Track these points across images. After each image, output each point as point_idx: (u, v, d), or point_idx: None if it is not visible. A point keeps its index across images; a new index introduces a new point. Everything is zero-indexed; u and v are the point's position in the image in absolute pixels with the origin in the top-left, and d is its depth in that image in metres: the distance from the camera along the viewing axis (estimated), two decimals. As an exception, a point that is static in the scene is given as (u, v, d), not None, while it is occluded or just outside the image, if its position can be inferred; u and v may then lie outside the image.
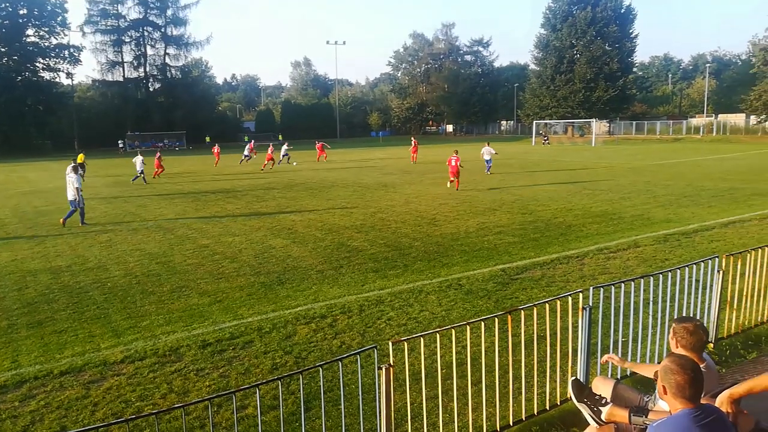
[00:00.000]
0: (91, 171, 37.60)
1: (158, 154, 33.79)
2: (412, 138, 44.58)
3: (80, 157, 36.28)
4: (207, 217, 17.33)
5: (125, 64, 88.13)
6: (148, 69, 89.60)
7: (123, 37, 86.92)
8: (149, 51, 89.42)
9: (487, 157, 29.24)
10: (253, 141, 47.31)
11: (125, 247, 13.23)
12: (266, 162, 37.22)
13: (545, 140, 65.50)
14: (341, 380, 4.18)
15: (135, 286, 9.86)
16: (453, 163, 22.67)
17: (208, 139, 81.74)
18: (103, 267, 11.37)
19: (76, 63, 79.93)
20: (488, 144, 30.56)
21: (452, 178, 22.94)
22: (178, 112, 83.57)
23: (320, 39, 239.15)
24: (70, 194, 16.70)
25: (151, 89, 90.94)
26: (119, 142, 74.80)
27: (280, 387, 3.99)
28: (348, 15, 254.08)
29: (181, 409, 3.45)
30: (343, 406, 4.15)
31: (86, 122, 79.81)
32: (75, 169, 17.16)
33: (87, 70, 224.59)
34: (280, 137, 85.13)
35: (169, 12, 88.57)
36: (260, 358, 6.64)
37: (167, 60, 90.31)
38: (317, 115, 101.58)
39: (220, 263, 11.34)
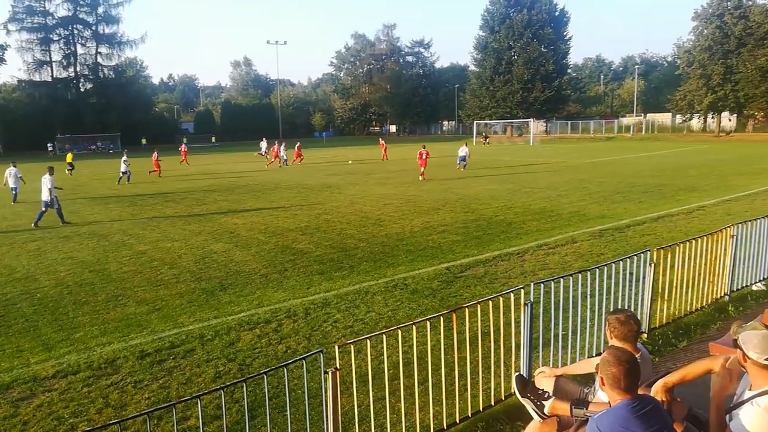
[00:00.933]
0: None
1: (155, 153, 33.89)
2: (381, 139, 49.70)
3: (69, 157, 39.11)
4: (144, 222, 16.73)
5: (54, 63, 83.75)
6: (78, 68, 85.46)
7: (51, 36, 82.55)
8: (79, 50, 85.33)
9: (462, 155, 32.08)
10: (265, 138, 47.66)
11: (56, 256, 12.60)
12: (273, 159, 38.91)
13: (485, 140, 66.73)
14: (287, 386, 4.10)
15: (67, 297, 9.40)
16: (423, 157, 26.60)
17: (144, 141, 79.14)
18: (32, 277, 10.78)
19: (0, 62, 75.69)
20: (465, 144, 33.66)
21: (422, 169, 26.67)
22: (112, 113, 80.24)
23: (260, 38, 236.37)
24: (44, 195, 16.99)
25: (82, 89, 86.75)
26: (49, 145, 71.25)
27: (223, 396, 3.87)
28: (288, 14, 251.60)
29: (117, 425, 3.28)
30: (289, 413, 4.07)
31: (12, 124, 75.39)
32: (50, 171, 17.41)
33: (12, 70, 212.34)
34: (213, 139, 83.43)
35: (101, 9, 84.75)
36: (202, 366, 6.45)
37: (99, 59, 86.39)
38: (259, 116, 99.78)
39: (159, 270, 10.96)
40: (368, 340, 4.36)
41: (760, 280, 8.34)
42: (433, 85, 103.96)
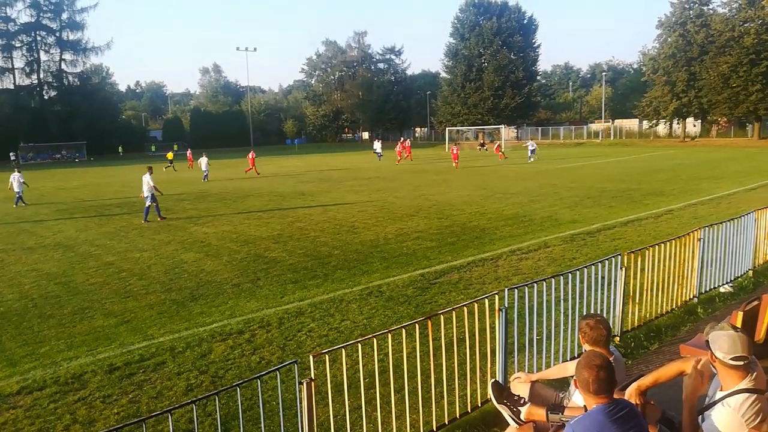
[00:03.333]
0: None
1: (252, 153, 38.69)
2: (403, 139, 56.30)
3: (170, 155, 46.83)
4: (111, 233, 16.36)
5: (16, 70, 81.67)
6: (42, 76, 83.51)
7: (13, 42, 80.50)
8: (43, 57, 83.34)
9: (531, 148, 41.55)
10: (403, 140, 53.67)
11: (19, 268, 12.22)
12: (400, 158, 45.16)
13: (481, 147, 63.82)
14: (261, 398, 4.03)
15: (31, 310, 9.12)
16: (455, 152, 38.14)
17: (120, 149, 78.16)
18: (-6, 290, 10.44)
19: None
20: (531, 139, 47.10)
21: (455, 161, 37.43)
22: (78, 121, 78.41)
23: (229, 45, 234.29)
24: (146, 191, 18.35)
25: (46, 97, 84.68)
26: (11, 154, 69.36)
27: (195, 410, 3.77)
28: (258, 21, 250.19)
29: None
30: (263, 425, 3.99)
31: (-27, 133, 73.23)
32: (150, 170, 18.97)
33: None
34: (176, 147, 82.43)
35: (65, 15, 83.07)
36: (173, 379, 6.30)
37: (63, 66, 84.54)
38: (229, 123, 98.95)
39: (127, 281, 10.72)
40: (343, 349, 4.32)
41: (727, 282, 8.54)
42: (404, 91, 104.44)
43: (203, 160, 33.97)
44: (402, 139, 59.31)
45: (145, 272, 11.37)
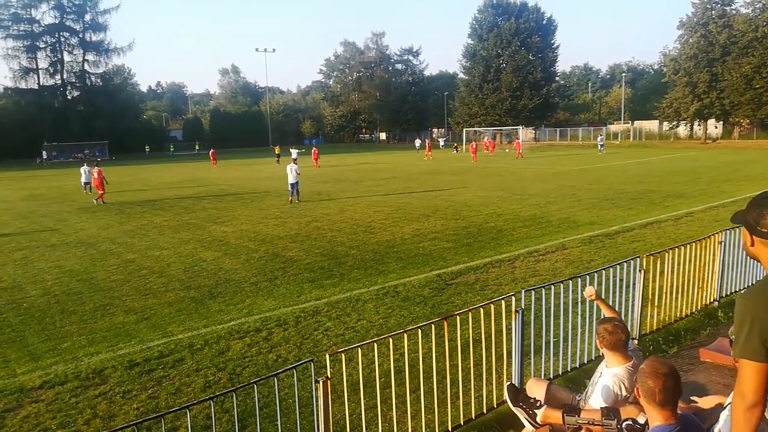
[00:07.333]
0: (4, 184, 35.91)
1: (315, 149, 44.80)
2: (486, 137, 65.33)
3: (277, 149, 53.77)
4: (132, 231, 16.58)
5: (40, 71, 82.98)
6: (65, 76, 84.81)
7: (37, 43, 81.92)
8: (66, 57, 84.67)
9: (601, 143, 50.88)
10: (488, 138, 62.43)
11: (43, 265, 12.45)
12: (491, 151, 53.00)
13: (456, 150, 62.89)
14: (277, 396, 4.06)
15: (54, 306, 9.28)
16: (475, 147, 46.73)
17: (148, 148, 79.36)
18: (18, 286, 10.64)
19: (-14, 70, 75.07)
20: (601, 133, 53.92)
21: (473, 154, 45.63)
22: (100, 121, 79.65)
23: (248, 46, 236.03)
24: (291, 179, 22.15)
25: (69, 97, 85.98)
26: (43, 152, 70.75)
27: (212, 406, 3.83)
28: (276, 22, 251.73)
29: (105, 437, 3.24)
30: (279, 422, 4.03)
31: (-2, 132, 74.64)
32: (294, 161, 23.50)
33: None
34: (197, 147, 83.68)
35: (88, 17, 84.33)
36: (192, 376, 6.38)
37: (86, 67, 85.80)
38: (248, 124, 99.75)
39: (147, 278, 10.87)
40: (359, 349, 4.34)
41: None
42: (422, 92, 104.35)
43: (294, 151, 38.28)
44: (487, 138, 64.88)
45: (164, 270, 11.52)
